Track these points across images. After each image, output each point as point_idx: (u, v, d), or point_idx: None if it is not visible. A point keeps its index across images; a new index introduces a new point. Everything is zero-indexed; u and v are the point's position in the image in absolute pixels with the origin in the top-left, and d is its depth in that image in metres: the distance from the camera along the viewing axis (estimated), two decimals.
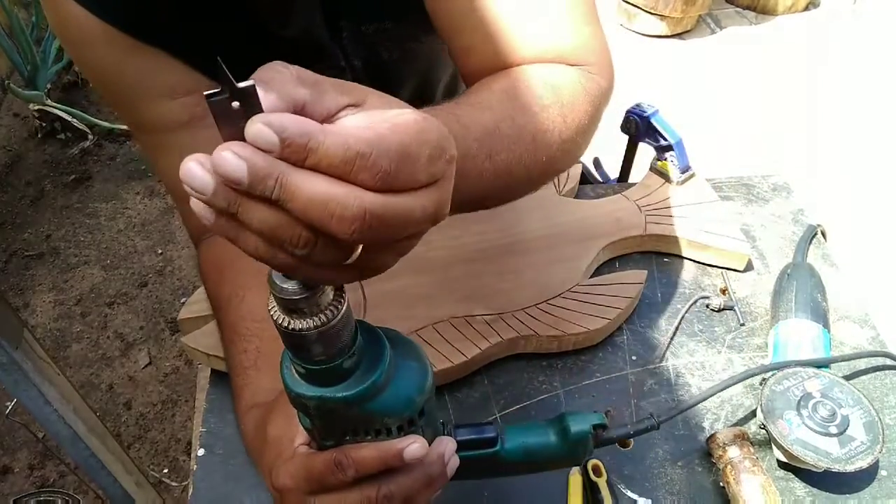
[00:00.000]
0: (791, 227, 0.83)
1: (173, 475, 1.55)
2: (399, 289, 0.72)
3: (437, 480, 0.41)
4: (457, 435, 0.45)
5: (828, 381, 0.61)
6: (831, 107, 2.50)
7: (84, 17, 0.51)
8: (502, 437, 0.47)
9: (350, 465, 0.37)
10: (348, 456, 0.37)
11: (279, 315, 0.33)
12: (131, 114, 0.60)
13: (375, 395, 0.37)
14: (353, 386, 0.36)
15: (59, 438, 0.97)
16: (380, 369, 0.36)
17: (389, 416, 0.38)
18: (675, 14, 2.82)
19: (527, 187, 0.56)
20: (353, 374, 0.36)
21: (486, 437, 0.46)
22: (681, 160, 0.83)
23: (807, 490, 0.59)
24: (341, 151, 0.26)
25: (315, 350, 0.34)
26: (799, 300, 0.69)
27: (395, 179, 0.27)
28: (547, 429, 0.48)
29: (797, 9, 3.10)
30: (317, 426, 0.39)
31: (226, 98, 0.25)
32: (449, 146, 0.30)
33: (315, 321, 0.32)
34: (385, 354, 0.37)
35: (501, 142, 0.50)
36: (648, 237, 0.79)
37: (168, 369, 1.78)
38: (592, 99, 0.57)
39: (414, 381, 0.39)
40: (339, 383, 0.36)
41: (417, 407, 0.39)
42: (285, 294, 0.31)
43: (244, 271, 0.59)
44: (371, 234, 0.27)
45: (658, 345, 0.71)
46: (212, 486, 0.61)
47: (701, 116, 2.45)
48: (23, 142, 2.51)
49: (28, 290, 1.99)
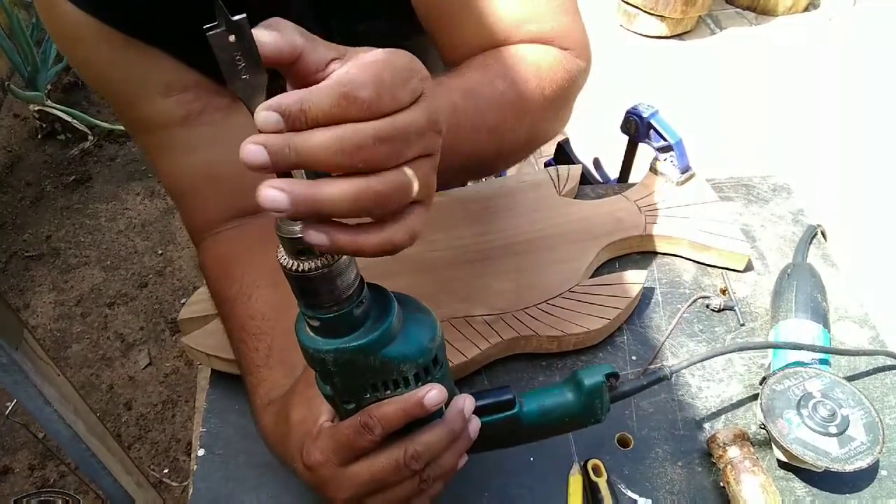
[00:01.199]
0: (791, 227, 0.83)
1: (173, 475, 1.55)
2: (399, 289, 0.72)
3: (461, 440, 0.42)
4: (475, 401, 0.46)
5: (828, 381, 0.61)
6: (831, 107, 2.50)
7: (77, 15, 0.51)
8: (519, 400, 0.48)
9: (376, 424, 0.39)
10: (373, 415, 0.39)
11: (288, 260, 0.34)
12: (127, 112, 0.59)
13: (389, 341, 0.38)
14: (367, 334, 0.37)
15: (59, 439, 0.97)
16: (390, 316, 0.38)
17: (405, 362, 0.39)
18: (675, 15, 2.82)
19: (517, 151, 0.61)
20: (365, 324, 0.38)
21: (504, 400, 0.47)
22: (681, 160, 0.83)
23: (807, 490, 0.59)
24: (327, 100, 0.30)
25: (325, 293, 0.35)
26: (799, 300, 0.69)
27: (379, 105, 0.31)
28: (562, 388, 0.50)
29: (797, 9, 3.10)
30: (337, 387, 0.40)
31: (223, 31, 0.28)
32: (419, 67, 0.34)
33: (322, 260, 0.34)
34: (392, 304, 0.39)
35: (484, 100, 0.55)
36: (648, 237, 0.79)
37: (168, 370, 1.78)
38: (570, 73, 0.61)
39: (424, 329, 0.40)
40: (353, 332, 0.37)
41: (431, 353, 0.40)
42: (293, 234, 0.33)
43: (252, 269, 0.59)
44: (384, 155, 0.31)
45: (658, 345, 0.71)
46: (212, 487, 0.61)
47: (701, 117, 2.45)
48: (23, 142, 2.51)
49: (28, 290, 1.99)
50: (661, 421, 0.64)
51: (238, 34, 0.29)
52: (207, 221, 0.63)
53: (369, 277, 0.40)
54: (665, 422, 0.64)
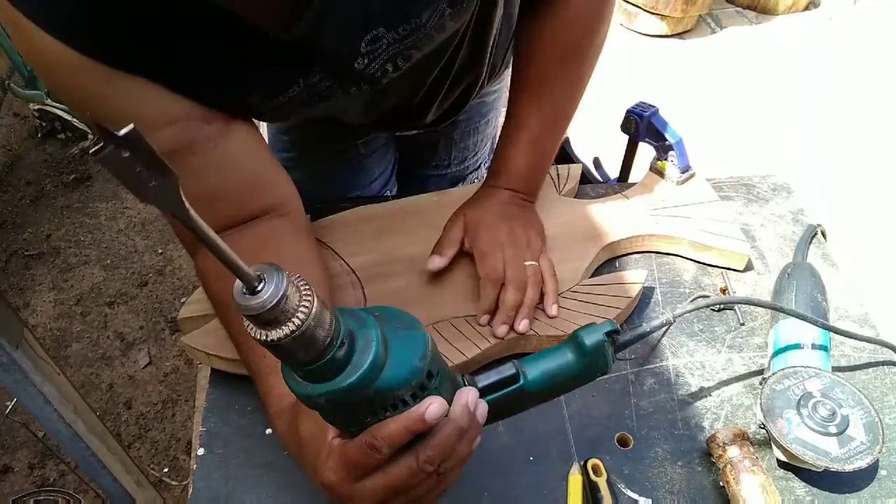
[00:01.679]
0: (791, 226, 0.83)
1: (173, 474, 1.56)
2: (399, 289, 0.72)
3: (471, 430, 0.43)
4: (477, 382, 0.46)
5: (828, 381, 0.61)
6: (831, 107, 2.50)
7: (57, 49, 0.47)
8: (522, 371, 0.48)
9: (381, 444, 0.40)
10: (377, 436, 0.39)
11: (255, 330, 0.33)
12: None
13: (378, 372, 0.37)
14: (353, 372, 0.36)
15: (58, 438, 0.97)
16: (374, 349, 0.37)
17: (399, 388, 0.39)
18: (676, 14, 2.82)
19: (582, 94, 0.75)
20: (350, 361, 0.37)
21: (507, 377, 0.47)
22: (681, 160, 0.83)
23: (807, 489, 0.59)
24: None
25: (301, 352, 0.34)
26: (799, 300, 0.69)
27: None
28: (563, 350, 0.49)
29: (797, 8, 3.10)
30: (337, 419, 0.40)
31: (112, 149, 0.26)
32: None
33: (289, 326, 0.33)
34: (374, 331, 0.38)
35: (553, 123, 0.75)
36: (648, 237, 0.79)
37: (168, 369, 1.78)
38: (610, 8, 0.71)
39: (412, 348, 0.39)
40: (340, 374, 0.36)
41: (423, 372, 0.40)
42: (253, 311, 0.32)
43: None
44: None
45: (658, 345, 0.71)
46: (212, 486, 0.61)
47: (701, 116, 2.45)
48: (23, 141, 2.51)
49: (28, 289, 1.99)
50: (660, 420, 0.64)
51: (130, 147, 0.26)
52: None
53: (369, 278, 0.39)
54: (665, 421, 0.64)
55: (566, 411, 0.65)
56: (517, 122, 0.74)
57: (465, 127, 1.04)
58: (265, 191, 0.62)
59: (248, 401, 0.66)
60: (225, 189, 0.58)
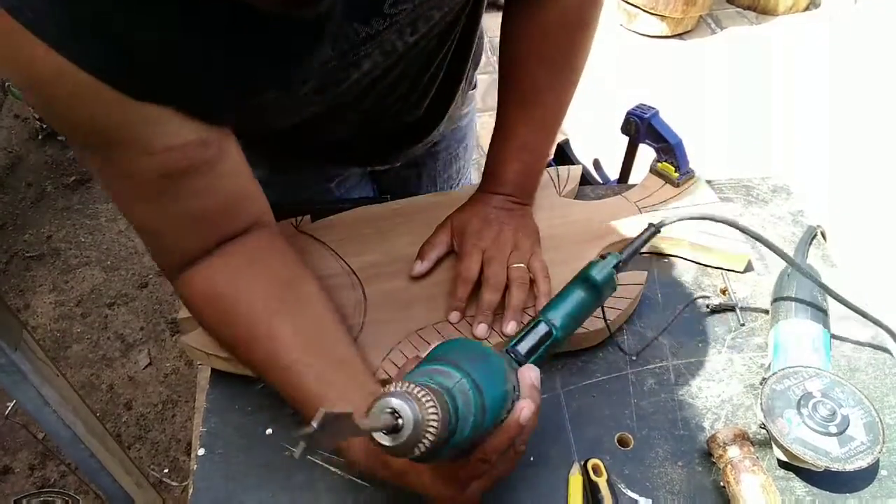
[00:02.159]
0: (791, 227, 0.83)
1: (174, 475, 1.56)
2: (399, 289, 0.72)
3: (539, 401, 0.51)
4: (520, 351, 0.54)
5: (828, 381, 0.61)
6: (832, 107, 2.50)
7: (52, 61, 0.42)
8: (552, 324, 0.55)
9: (491, 456, 0.46)
10: (487, 451, 0.46)
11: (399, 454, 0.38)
12: (97, 158, 0.52)
13: (483, 416, 0.42)
14: (465, 427, 0.41)
15: (58, 439, 0.97)
16: (473, 404, 0.41)
17: (497, 415, 0.45)
18: (676, 14, 2.82)
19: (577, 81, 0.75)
20: (459, 418, 0.41)
21: (542, 335, 0.55)
22: (681, 161, 0.83)
23: (807, 489, 0.59)
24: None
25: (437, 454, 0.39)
26: (799, 300, 0.69)
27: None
28: (576, 291, 0.57)
29: (798, 9, 3.10)
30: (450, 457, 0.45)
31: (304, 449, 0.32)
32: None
33: (424, 444, 0.37)
34: (468, 384, 0.42)
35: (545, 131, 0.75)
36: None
37: (168, 370, 1.78)
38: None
39: (497, 378, 0.45)
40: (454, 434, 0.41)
41: (512, 392, 0.47)
42: (399, 450, 0.37)
43: (256, 302, 0.57)
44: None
45: (658, 344, 0.71)
46: (212, 486, 0.61)
47: (701, 117, 2.45)
48: (23, 143, 2.51)
49: (29, 290, 1.99)
50: (661, 421, 0.64)
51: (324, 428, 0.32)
52: (187, 258, 0.58)
53: (369, 278, 0.41)
54: (665, 421, 0.64)
55: (566, 411, 0.65)
56: (506, 127, 0.74)
57: (445, 156, 1.03)
58: (253, 203, 0.60)
59: (248, 401, 0.66)
60: (219, 207, 0.57)
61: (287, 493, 0.60)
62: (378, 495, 0.59)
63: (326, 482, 0.60)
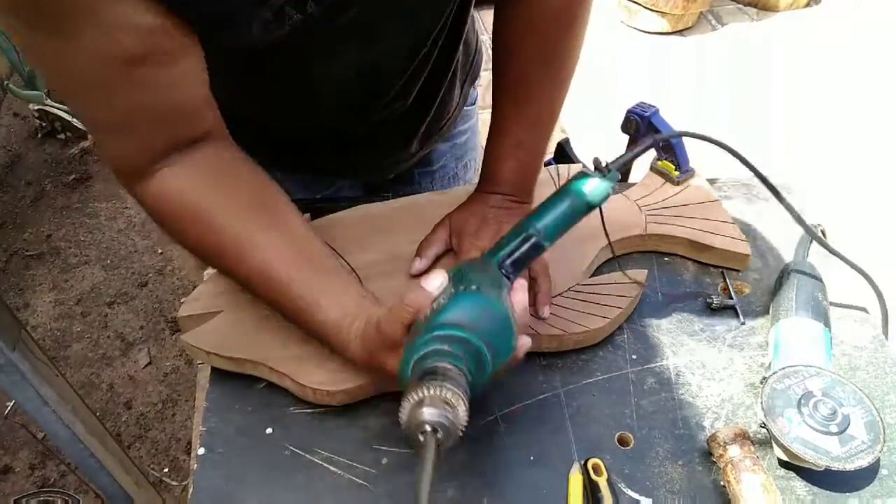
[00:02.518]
0: (791, 226, 0.83)
1: (174, 474, 1.56)
2: (399, 287, 0.72)
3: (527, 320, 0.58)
4: (509, 269, 0.56)
5: (829, 380, 0.61)
6: (832, 104, 2.50)
7: None
8: (541, 235, 0.57)
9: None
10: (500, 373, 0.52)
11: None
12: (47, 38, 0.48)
13: (491, 374, 0.48)
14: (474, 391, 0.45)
15: (57, 439, 0.97)
16: (486, 372, 0.47)
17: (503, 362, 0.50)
18: (677, 11, 2.82)
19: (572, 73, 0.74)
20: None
21: (531, 246, 0.57)
22: (681, 160, 0.82)
23: (807, 489, 0.59)
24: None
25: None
26: (799, 299, 0.69)
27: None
28: (567, 203, 0.57)
29: (798, 5, 3.09)
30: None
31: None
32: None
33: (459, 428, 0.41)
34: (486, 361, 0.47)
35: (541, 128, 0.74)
36: (649, 237, 0.79)
37: (168, 369, 1.78)
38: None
39: (505, 338, 0.50)
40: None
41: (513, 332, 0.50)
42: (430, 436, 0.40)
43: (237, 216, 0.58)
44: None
45: (658, 344, 0.71)
46: (212, 486, 0.61)
47: (702, 114, 2.45)
48: (23, 142, 2.51)
49: (28, 289, 1.99)
50: (661, 420, 0.64)
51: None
52: (144, 159, 0.56)
53: (369, 277, 0.41)
54: (665, 421, 0.64)
55: (566, 411, 0.65)
56: (499, 126, 0.74)
57: (442, 175, 1.02)
58: (213, 111, 0.58)
59: (248, 400, 0.66)
60: (178, 106, 0.55)
61: (287, 493, 0.60)
62: (378, 495, 0.59)
63: (326, 482, 0.60)
